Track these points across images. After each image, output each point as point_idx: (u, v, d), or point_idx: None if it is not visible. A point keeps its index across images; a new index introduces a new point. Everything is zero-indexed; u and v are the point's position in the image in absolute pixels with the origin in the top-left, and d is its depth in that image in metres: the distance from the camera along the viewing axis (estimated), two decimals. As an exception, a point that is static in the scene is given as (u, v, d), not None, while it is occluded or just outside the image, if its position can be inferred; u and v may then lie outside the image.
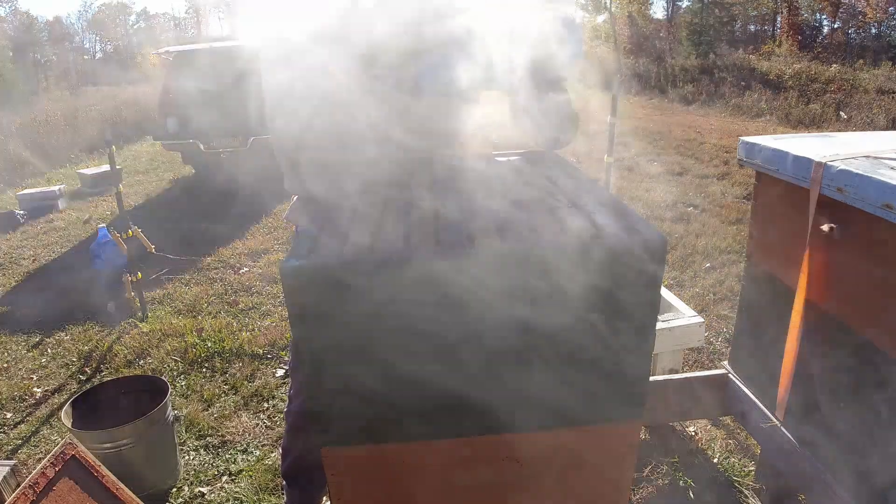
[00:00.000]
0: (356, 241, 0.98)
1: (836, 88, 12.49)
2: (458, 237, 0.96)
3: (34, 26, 43.29)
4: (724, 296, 3.62)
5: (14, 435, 2.61)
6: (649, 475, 2.12)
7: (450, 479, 1.08)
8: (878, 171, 1.32)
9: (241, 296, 3.91)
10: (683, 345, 2.47)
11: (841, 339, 1.49)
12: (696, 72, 15.64)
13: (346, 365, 0.96)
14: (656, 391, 2.01)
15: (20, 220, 5.82)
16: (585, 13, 29.83)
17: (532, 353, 0.97)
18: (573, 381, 1.00)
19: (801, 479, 1.63)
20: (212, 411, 2.68)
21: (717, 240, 4.50)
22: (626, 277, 0.92)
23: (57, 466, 1.56)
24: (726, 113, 11.95)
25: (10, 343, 3.46)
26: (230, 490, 2.21)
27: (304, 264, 0.89)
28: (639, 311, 0.95)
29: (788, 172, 1.57)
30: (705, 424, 2.41)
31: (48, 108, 12.07)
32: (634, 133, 9.08)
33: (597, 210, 1.06)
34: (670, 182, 6.27)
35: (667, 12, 33.90)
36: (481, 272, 0.90)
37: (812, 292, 1.55)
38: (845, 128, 9.77)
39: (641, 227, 0.95)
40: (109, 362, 3.17)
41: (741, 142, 1.78)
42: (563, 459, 1.08)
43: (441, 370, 0.97)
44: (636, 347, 0.98)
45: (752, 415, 1.85)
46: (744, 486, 2.03)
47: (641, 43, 21.14)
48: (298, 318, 0.91)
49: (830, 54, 20.61)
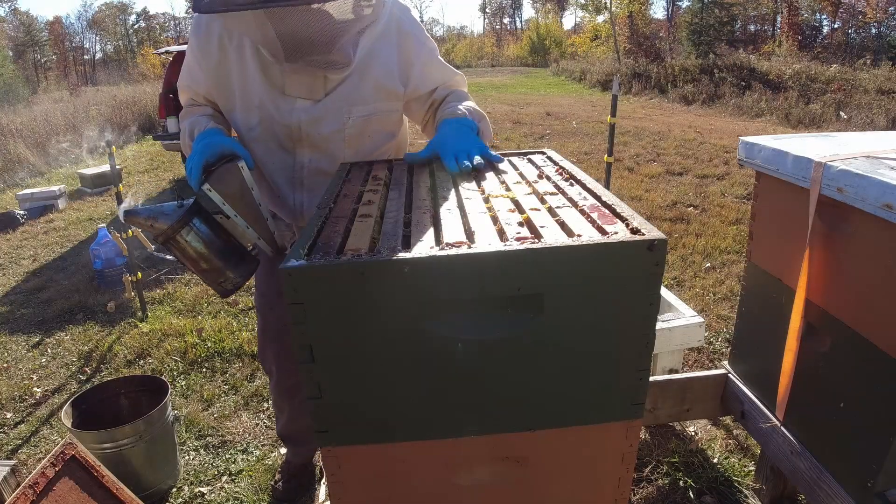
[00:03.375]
0: (356, 241, 0.98)
1: (836, 88, 12.50)
2: (458, 236, 0.96)
3: (34, 26, 43.32)
4: (724, 296, 3.62)
5: (14, 435, 2.61)
6: (649, 475, 2.12)
7: (450, 479, 1.08)
8: (878, 171, 1.32)
9: (240, 296, 3.91)
10: (683, 345, 2.47)
11: (841, 339, 1.49)
12: (696, 72, 15.64)
13: (346, 365, 0.96)
14: (656, 391, 2.01)
15: (20, 220, 5.82)
16: (585, 13, 29.86)
17: (531, 353, 0.97)
18: (573, 381, 1.00)
19: (801, 479, 1.63)
20: (212, 411, 2.68)
21: (717, 240, 4.51)
22: (626, 277, 0.92)
23: (57, 466, 1.56)
24: (726, 113, 11.96)
25: (10, 343, 3.46)
26: (230, 490, 2.21)
27: (304, 264, 0.89)
28: (638, 311, 0.95)
29: (788, 172, 1.57)
30: (705, 424, 2.41)
31: (48, 109, 12.08)
32: (634, 133, 9.08)
33: (596, 210, 1.06)
34: (670, 182, 6.27)
35: (667, 12, 33.89)
36: (481, 272, 0.90)
37: (812, 292, 1.55)
38: (845, 128, 9.77)
39: (641, 227, 0.95)
40: (109, 362, 3.17)
41: (741, 142, 1.78)
42: (563, 459, 1.08)
43: (441, 369, 0.97)
44: (636, 347, 0.98)
45: (752, 415, 1.86)
46: (744, 486, 2.03)
47: (641, 43, 21.13)
48: (299, 318, 0.91)
49: (830, 54, 20.62)
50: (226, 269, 1.43)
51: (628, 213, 1.01)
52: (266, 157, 1.58)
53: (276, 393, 2.05)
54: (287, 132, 1.53)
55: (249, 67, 1.48)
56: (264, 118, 1.52)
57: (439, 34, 60.35)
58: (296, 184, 1.60)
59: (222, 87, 1.53)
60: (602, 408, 1.03)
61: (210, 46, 1.49)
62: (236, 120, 1.57)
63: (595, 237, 0.93)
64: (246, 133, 1.56)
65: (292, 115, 1.50)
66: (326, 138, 1.54)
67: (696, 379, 2.05)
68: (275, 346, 1.91)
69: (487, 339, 0.95)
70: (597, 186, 1.20)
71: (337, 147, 1.57)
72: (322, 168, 1.58)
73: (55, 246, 5.19)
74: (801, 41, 24.37)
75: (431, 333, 0.94)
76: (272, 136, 1.54)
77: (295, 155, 1.57)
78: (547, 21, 44.58)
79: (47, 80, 36.58)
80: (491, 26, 61.50)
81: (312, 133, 1.53)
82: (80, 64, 51.08)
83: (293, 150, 1.56)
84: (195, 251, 1.39)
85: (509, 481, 1.09)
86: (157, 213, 1.38)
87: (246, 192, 1.40)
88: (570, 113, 11.68)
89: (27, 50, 41.50)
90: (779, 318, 1.66)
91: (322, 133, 1.53)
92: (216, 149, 1.40)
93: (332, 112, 1.51)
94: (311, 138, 1.54)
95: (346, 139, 1.56)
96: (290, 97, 1.49)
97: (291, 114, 1.50)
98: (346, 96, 1.51)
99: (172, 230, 1.35)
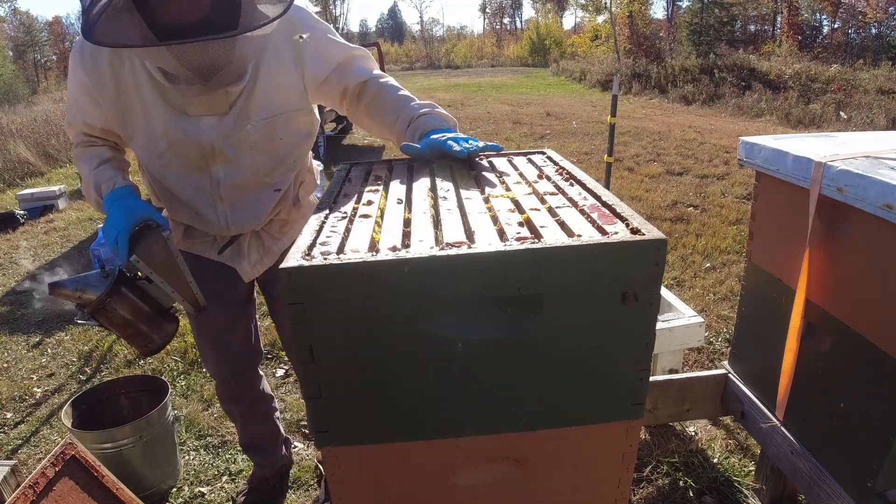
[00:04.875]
0: (356, 241, 0.98)
1: (836, 88, 12.50)
2: (458, 236, 0.96)
3: (34, 26, 43.32)
4: (724, 296, 3.62)
5: (14, 435, 2.61)
6: (649, 475, 2.12)
7: (450, 479, 1.08)
8: (878, 171, 1.32)
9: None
10: (683, 345, 2.47)
11: (841, 339, 1.49)
12: (696, 72, 15.63)
13: (346, 364, 0.96)
14: (656, 391, 2.01)
15: (20, 220, 5.82)
16: (585, 13, 29.87)
17: (531, 353, 0.97)
18: (573, 381, 1.00)
19: (801, 479, 1.63)
20: (212, 411, 2.68)
21: (717, 240, 4.50)
22: (626, 277, 0.92)
23: (57, 466, 1.56)
24: (726, 113, 11.96)
25: (10, 343, 3.46)
26: (230, 490, 2.21)
27: (304, 264, 0.89)
28: (639, 311, 0.95)
29: (788, 172, 1.57)
30: (705, 424, 2.41)
31: (48, 109, 12.07)
32: (634, 133, 9.08)
33: (596, 210, 1.06)
34: (670, 182, 6.27)
35: (667, 12, 33.91)
36: (481, 272, 0.90)
37: (812, 292, 1.55)
38: (845, 128, 9.77)
39: (641, 227, 0.95)
40: (109, 362, 3.17)
41: (741, 142, 1.78)
42: (563, 459, 1.08)
43: (441, 369, 0.97)
44: (636, 347, 0.98)
45: (752, 415, 1.86)
46: (744, 486, 2.03)
47: (641, 43, 21.13)
48: (298, 318, 0.91)
49: (830, 54, 20.63)
50: (151, 333, 1.46)
51: (628, 213, 1.01)
52: (179, 181, 1.54)
53: (220, 399, 2.03)
54: (199, 152, 1.49)
55: (146, 94, 1.42)
56: (173, 143, 1.47)
57: (439, 34, 60.37)
58: (216, 200, 1.57)
59: (124, 116, 1.47)
60: (602, 408, 1.03)
61: (103, 77, 1.42)
62: (140, 148, 1.51)
63: (595, 237, 0.93)
64: (154, 160, 1.52)
65: (200, 134, 1.46)
66: (238, 150, 1.50)
67: (696, 379, 2.05)
68: (208, 354, 1.88)
69: (487, 339, 0.95)
70: (597, 186, 1.20)
71: (248, 156, 1.52)
72: (239, 181, 1.54)
73: (55, 246, 5.19)
74: (801, 41, 24.37)
75: (431, 333, 0.93)
76: (183, 160, 1.50)
77: (210, 173, 1.53)
78: (547, 21, 44.57)
79: (47, 80, 36.58)
80: (491, 26, 61.52)
81: (225, 148, 1.49)
82: (80, 64, 50.86)
83: (207, 168, 1.52)
84: (122, 318, 1.41)
85: (509, 481, 1.09)
86: (83, 284, 1.37)
87: (170, 259, 1.41)
88: (570, 113, 11.68)
89: (27, 50, 41.50)
90: (779, 318, 1.66)
91: (233, 145, 1.49)
92: (136, 217, 1.39)
93: (236, 124, 1.48)
94: (223, 154, 1.50)
95: (254, 145, 1.51)
96: (193, 117, 1.45)
97: (199, 133, 1.46)
98: (249, 103, 1.47)
99: (101, 300, 1.36)
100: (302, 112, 1.57)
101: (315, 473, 2.24)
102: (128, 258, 1.36)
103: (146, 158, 1.53)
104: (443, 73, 29.35)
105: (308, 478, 2.24)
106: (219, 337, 1.83)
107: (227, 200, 1.57)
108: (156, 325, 1.46)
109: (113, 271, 1.39)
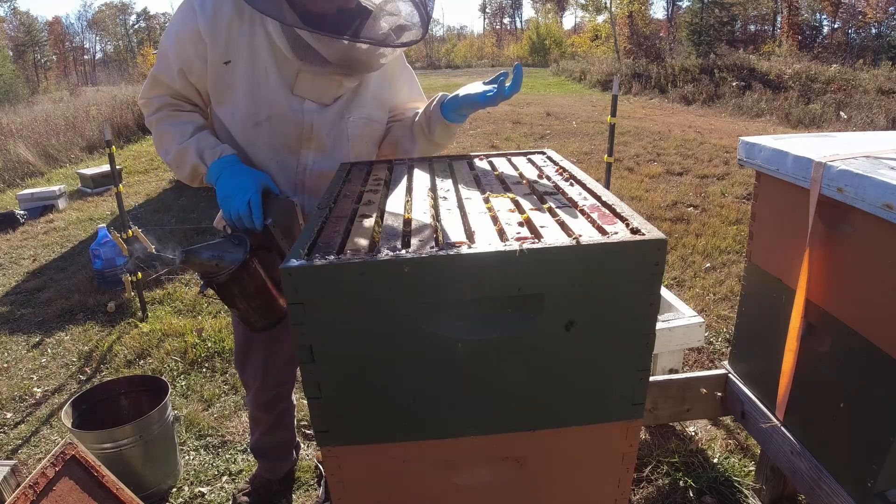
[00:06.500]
0: (356, 241, 0.98)
1: (836, 88, 12.50)
2: (458, 236, 0.96)
3: (34, 26, 43.32)
4: (724, 296, 3.62)
5: (14, 435, 2.61)
6: (649, 475, 2.12)
7: (450, 479, 1.08)
8: (878, 171, 1.32)
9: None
10: (683, 345, 2.47)
11: (841, 339, 1.49)
12: (696, 72, 15.63)
13: (346, 364, 0.96)
14: (656, 391, 2.01)
15: (20, 220, 5.82)
16: (585, 13, 29.86)
17: (532, 353, 0.97)
18: (573, 381, 1.00)
19: (801, 479, 1.63)
20: (212, 411, 2.68)
21: (717, 240, 4.50)
22: (626, 277, 0.92)
23: (57, 466, 1.56)
24: (726, 113, 11.95)
25: (10, 343, 3.46)
26: (230, 490, 2.21)
27: (304, 264, 0.89)
28: (638, 311, 0.95)
29: (788, 172, 1.57)
30: (705, 424, 2.41)
31: (48, 108, 12.08)
32: (634, 133, 9.08)
33: (596, 210, 1.06)
34: (670, 182, 6.27)
35: (667, 12, 33.92)
36: (481, 272, 0.90)
37: (812, 292, 1.55)
38: (845, 128, 9.76)
39: (641, 227, 0.95)
40: (109, 362, 3.17)
41: (741, 142, 1.78)
42: (563, 459, 1.08)
43: (440, 369, 0.97)
44: (636, 347, 0.98)
45: (752, 415, 1.85)
46: (744, 486, 2.03)
47: (641, 43, 21.12)
48: (299, 318, 0.91)
49: (830, 54, 20.63)
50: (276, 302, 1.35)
51: (628, 213, 1.01)
52: (269, 156, 1.52)
53: (252, 405, 1.96)
54: (297, 131, 1.50)
55: (261, 61, 1.41)
56: (275, 114, 1.46)
57: (439, 34, 60.31)
58: (297, 186, 1.58)
59: (223, 78, 1.43)
60: (602, 408, 1.03)
61: (219, 32, 1.39)
62: (234, 114, 1.48)
63: (595, 237, 0.93)
64: (250, 128, 1.48)
65: (304, 114, 1.48)
66: (334, 140, 1.54)
67: (696, 379, 2.04)
68: (256, 358, 1.84)
69: (487, 339, 0.95)
70: (597, 186, 1.20)
71: (342, 150, 1.57)
72: (325, 171, 1.56)
73: (55, 246, 5.18)
74: (801, 41, 24.39)
75: (431, 333, 0.94)
76: (279, 135, 1.49)
77: (299, 156, 1.54)
78: (547, 21, 44.57)
79: (47, 80, 36.61)
80: (491, 26, 61.54)
81: (324, 135, 1.52)
82: (80, 64, 51.11)
83: (298, 150, 1.53)
84: (255, 287, 1.31)
85: (509, 481, 1.09)
86: (220, 251, 1.28)
87: (296, 229, 1.37)
88: (570, 113, 11.68)
89: (27, 50, 41.52)
90: (779, 318, 1.66)
91: (331, 135, 1.53)
92: (261, 183, 1.39)
93: (339, 115, 1.53)
94: (319, 140, 1.53)
95: (350, 141, 1.56)
96: (297, 97, 1.47)
97: (304, 113, 1.48)
98: (352, 101, 1.53)
99: (246, 262, 1.26)
100: (382, 125, 1.66)
101: (315, 473, 2.24)
102: (264, 222, 1.31)
103: (238, 126, 1.49)
104: (443, 73, 29.35)
105: (308, 478, 2.23)
106: (276, 343, 1.80)
107: (309, 189, 1.58)
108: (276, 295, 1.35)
109: (243, 237, 1.30)
